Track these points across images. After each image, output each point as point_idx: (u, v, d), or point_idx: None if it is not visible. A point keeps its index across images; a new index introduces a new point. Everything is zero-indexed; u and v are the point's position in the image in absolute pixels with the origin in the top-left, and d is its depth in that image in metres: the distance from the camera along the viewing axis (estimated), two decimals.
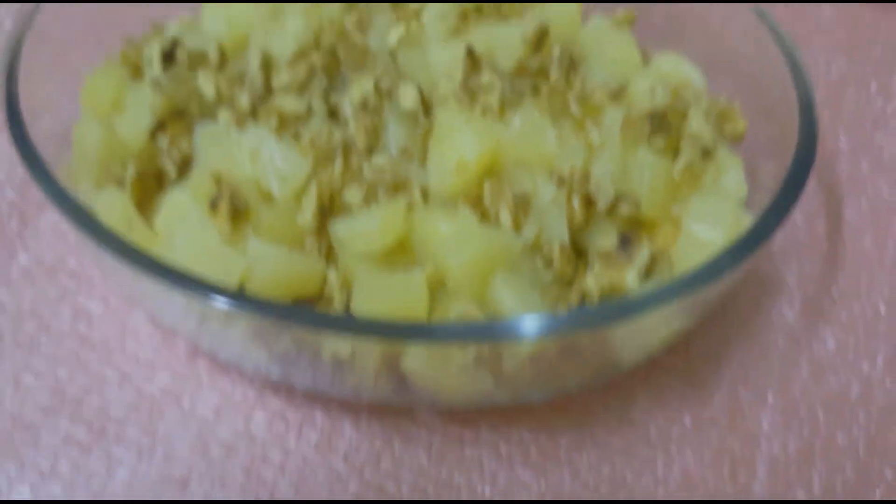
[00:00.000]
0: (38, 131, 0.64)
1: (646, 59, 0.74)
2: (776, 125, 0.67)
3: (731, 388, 0.64)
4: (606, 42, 0.72)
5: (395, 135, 0.66)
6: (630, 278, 0.59)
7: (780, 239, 0.72)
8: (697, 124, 0.66)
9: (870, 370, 0.66)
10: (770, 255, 0.71)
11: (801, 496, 0.60)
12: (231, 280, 0.57)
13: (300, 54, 0.69)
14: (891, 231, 0.73)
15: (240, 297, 0.51)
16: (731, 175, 0.65)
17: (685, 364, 0.65)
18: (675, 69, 0.71)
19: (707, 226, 0.61)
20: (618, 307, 0.52)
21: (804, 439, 0.62)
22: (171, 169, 0.65)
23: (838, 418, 0.63)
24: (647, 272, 0.61)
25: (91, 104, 0.68)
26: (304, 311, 0.51)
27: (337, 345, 0.54)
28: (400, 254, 0.61)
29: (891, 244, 0.72)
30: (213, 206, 0.60)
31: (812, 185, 0.75)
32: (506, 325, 0.51)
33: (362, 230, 0.59)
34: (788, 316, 0.68)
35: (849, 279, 0.70)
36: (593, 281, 0.60)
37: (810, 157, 0.60)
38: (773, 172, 0.66)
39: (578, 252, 0.63)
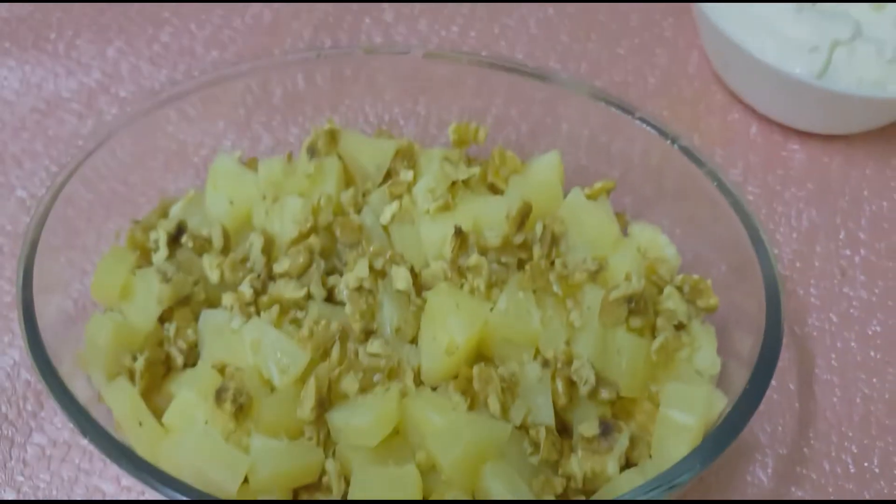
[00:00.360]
0: (50, 309, 0.69)
1: (623, 226, 0.79)
2: (746, 286, 0.72)
3: None
4: (586, 215, 0.76)
5: (389, 314, 0.70)
6: (611, 466, 0.63)
7: None
8: (672, 301, 0.71)
9: None
10: None
11: None
12: (236, 477, 0.61)
13: (300, 238, 0.73)
14: (858, 387, 0.77)
15: None
16: (704, 352, 0.69)
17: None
18: (652, 241, 0.76)
19: (682, 412, 0.65)
20: None
21: None
22: (178, 357, 0.70)
23: None
24: (627, 453, 0.65)
25: (101, 293, 0.72)
26: None
27: None
28: (394, 436, 0.66)
29: (858, 400, 0.76)
30: (219, 398, 0.64)
31: (784, 340, 0.79)
32: None
33: (358, 425, 0.64)
34: (762, 478, 0.72)
35: (819, 438, 0.74)
36: (577, 466, 0.64)
37: (774, 354, 0.64)
38: (744, 341, 0.70)
39: (563, 427, 0.67)
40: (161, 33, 1.04)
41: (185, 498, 0.57)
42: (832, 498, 0.71)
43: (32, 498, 0.70)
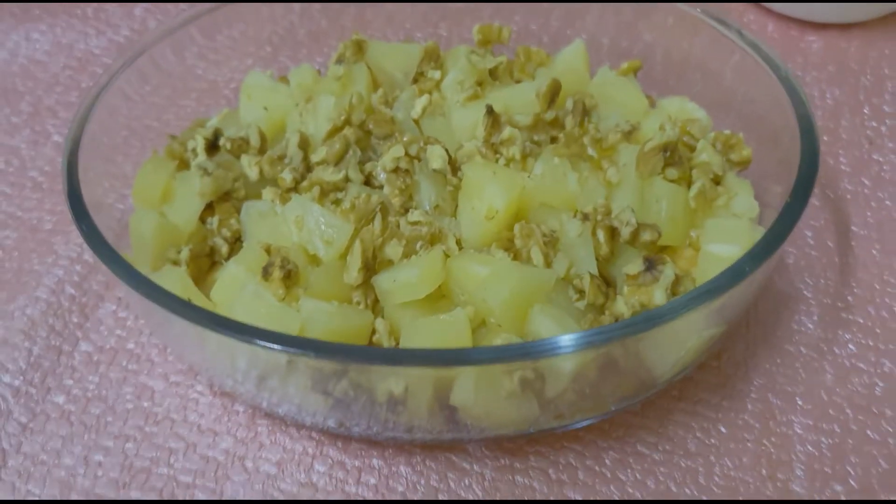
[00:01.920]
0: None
1: (651, 103, 0.80)
2: (780, 151, 0.72)
3: (761, 395, 0.68)
4: (614, 90, 0.78)
5: (427, 194, 0.71)
6: (658, 296, 0.64)
7: (793, 254, 0.77)
8: (706, 154, 0.72)
9: (892, 367, 0.69)
10: (785, 270, 0.75)
11: (838, 490, 0.63)
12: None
13: (334, 130, 0.75)
14: None
15: (307, 342, 0.57)
16: (742, 197, 0.70)
17: (716, 378, 0.69)
18: (681, 108, 0.77)
19: (724, 244, 0.65)
20: (654, 314, 0.57)
21: (836, 437, 0.66)
22: (222, 246, 0.71)
23: (867, 415, 0.67)
24: (673, 289, 0.65)
25: (142, 198, 0.74)
26: (365, 349, 0.57)
27: (391, 383, 0.59)
28: (440, 299, 0.66)
29: None
30: (266, 273, 0.65)
31: (818, 203, 0.80)
32: (553, 341, 0.55)
33: (404, 281, 0.64)
34: (808, 325, 0.72)
35: (862, 286, 0.74)
36: (624, 305, 0.64)
37: (814, 159, 0.65)
38: (782, 194, 0.71)
39: (606, 283, 0.68)
40: None
41: (266, 343, 0.56)
42: (880, 340, 0.71)
43: (82, 397, 0.71)
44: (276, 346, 0.56)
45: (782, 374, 0.69)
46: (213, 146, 0.77)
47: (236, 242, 0.73)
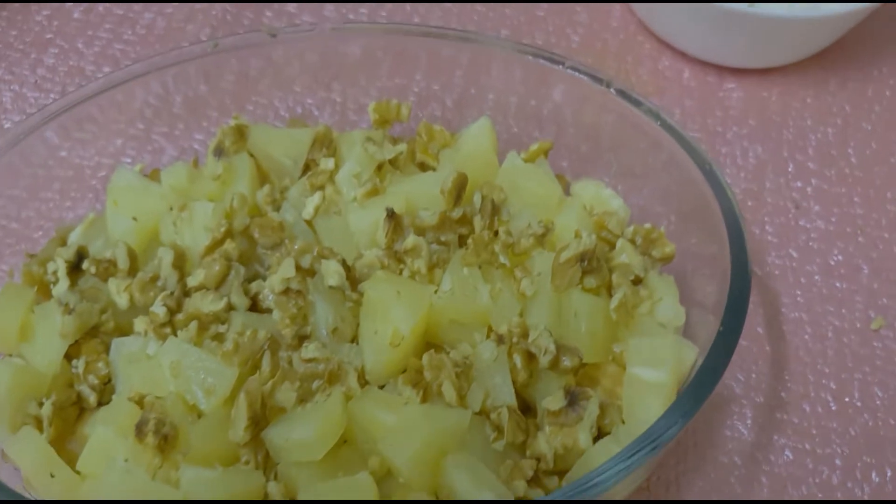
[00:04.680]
0: None
1: (564, 187, 0.73)
2: (703, 231, 0.67)
3: None
4: (525, 179, 0.71)
5: (324, 315, 0.63)
6: (583, 438, 0.58)
7: None
8: (626, 254, 0.66)
9: (829, 474, 0.65)
10: None
11: None
12: None
13: (213, 245, 0.66)
14: (828, 320, 0.73)
15: None
16: (666, 303, 0.64)
17: (645, 500, 0.64)
18: (596, 196, 0.71)
19: (650, 368, 0.60)
20: (581, 485, 0.51)
21: None
22: (89, 396, 0.62)
23: None
24: (598, 423, 0.59)
25: None
26: None
27: None
28: (342, 446, 0.59)
29: (830, 335, 0.72)
30: (139, 433, 0.57)
31: None
32: None
33: (300, 439, 0.57)
34: (742, 431, 0.67)
35: (795, 380, 0.70)
36: (545, 444, 0.58)
37: (745, 290, 0.59)
38: (708, 280, 0.65)
39: (526, 407, 0.62)
40: (45, 56, 0.97)
41: None
42: (817, 443, 0.66)
43: None
44: None
45: (717, 491, 0.64)
46: (76, 268, 0.68)
47: (108, 384, 0.64)
